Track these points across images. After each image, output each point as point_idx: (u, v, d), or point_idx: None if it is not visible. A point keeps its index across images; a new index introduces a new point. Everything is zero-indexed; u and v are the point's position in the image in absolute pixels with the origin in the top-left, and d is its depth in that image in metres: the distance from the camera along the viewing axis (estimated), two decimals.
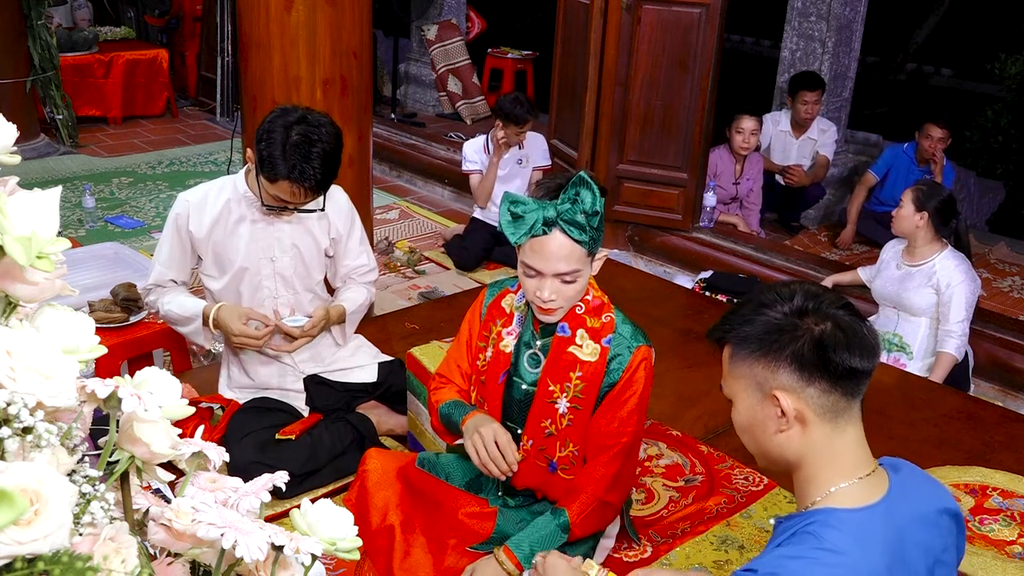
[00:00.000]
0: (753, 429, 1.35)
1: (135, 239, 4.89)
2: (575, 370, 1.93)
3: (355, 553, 0.90)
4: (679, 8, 4.60)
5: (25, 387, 0.75)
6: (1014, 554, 2.08)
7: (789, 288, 1.34)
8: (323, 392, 2.69)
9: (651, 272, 4.66)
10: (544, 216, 1.78)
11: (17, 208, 0.77)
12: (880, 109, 8.54)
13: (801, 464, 1.32)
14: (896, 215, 3.51)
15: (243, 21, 3.18)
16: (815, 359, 1.26)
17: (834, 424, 1.29)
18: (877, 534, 1.24)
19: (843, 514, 1.25)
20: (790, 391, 1.28)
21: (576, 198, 1.78)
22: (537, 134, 4.95)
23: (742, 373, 1.33)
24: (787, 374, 1.28)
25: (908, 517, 1.28)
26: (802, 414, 1.28)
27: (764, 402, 1.31)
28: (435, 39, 7.14)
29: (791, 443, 1.30)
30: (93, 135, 6.80)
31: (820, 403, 1.27)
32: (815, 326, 1.28)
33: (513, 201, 1.82)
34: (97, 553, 0.77)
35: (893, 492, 1.30)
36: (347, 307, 2.66)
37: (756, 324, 1.31)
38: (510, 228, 1.81)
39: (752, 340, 1.31)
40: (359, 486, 2.07)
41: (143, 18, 8.22)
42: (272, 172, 2.32)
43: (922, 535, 1.28)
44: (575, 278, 1.85)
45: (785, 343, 1.28)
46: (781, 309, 1.31)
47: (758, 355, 1.30)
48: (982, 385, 3.85)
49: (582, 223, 1.78)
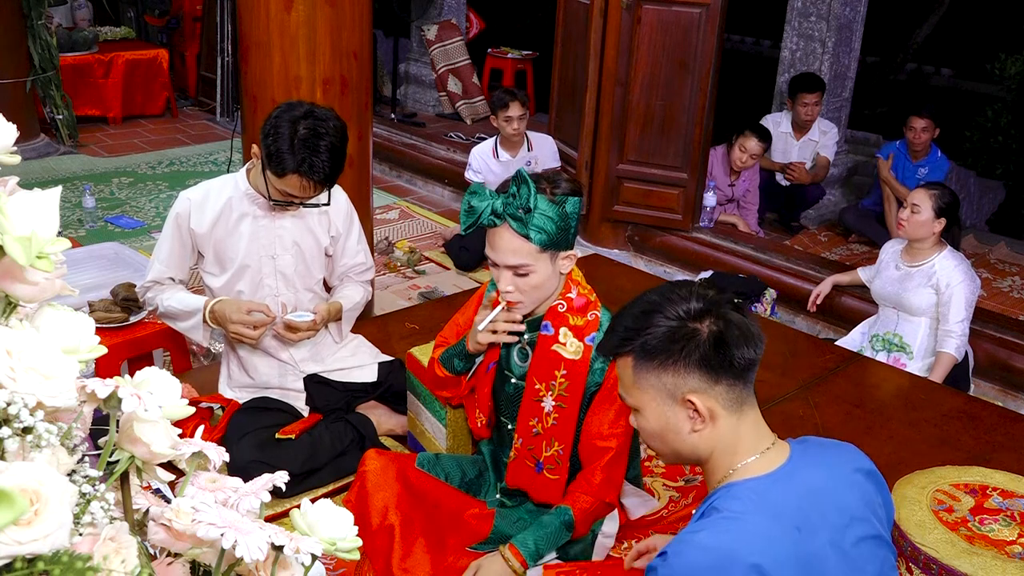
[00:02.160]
0: (666, 433, 1.38)
1: (135, 239, 4.89)
2: (559, 368, 1.95)
3: (355, 553, 0.90)
4: (679, 8, 4.60)
5: (25, 387, 0.75)
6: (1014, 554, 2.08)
7: (680, 291, 1.38)
8: (323, 392, 2.69)
9: (651, 272, 4.66)
10: (492, 207, 1.84)
11: (17, 208, 0.77)
12: (880, 109, 8.54)
13: (711, 455, 1.37)
14: (910, 220, 3.41)
15: (243, 21, 3.18)
16: (719, 359, 1.31)
17: (739, 412, 1.35)
18: (777, 496, 1.30)
19: (743, 484, 1.32)
20: (701, 392, 1.33)
21: (516, 194, 1.82)
22: (546, 136, 4.95)
23: (649, 384, 1.36)
24: (696, 378, 1.33)
25: (814, 479, 1.33)
26: (713, 411, 1.34)
27: (676, 407, 1.35)
28: (435, 39, 7.15)
29: (703, 439, 1.36)
30: (93, 135, 6.80)
31: (728, 397, 1.34)
32: (713, 327, 1.33)
33: (473, 192, 1.88)
34: (97, 553, 0.77)
35: (795, 458, 1.36)
36: (344, 304, 2.66)
37: (656, 334, 1.34)
38: (464, 217, 1.88)
39: (657, 351, 1.34)
40: (359, 486, 2.07)
41: (143, 18, 8.22)
42: (280, 167, 2.32)
43: (832, 495, 1.32)
44: (527, 272, 1.88)
45: (691, 349, 1.32)
46: (675, 313, 1.34)
47: (666, 364, 1.34)
48: (982, 385, 3.85)
49: (522, 217, 1.82)
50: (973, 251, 5.22)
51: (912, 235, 3.45)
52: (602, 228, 5.10)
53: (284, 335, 2.58)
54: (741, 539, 1.24)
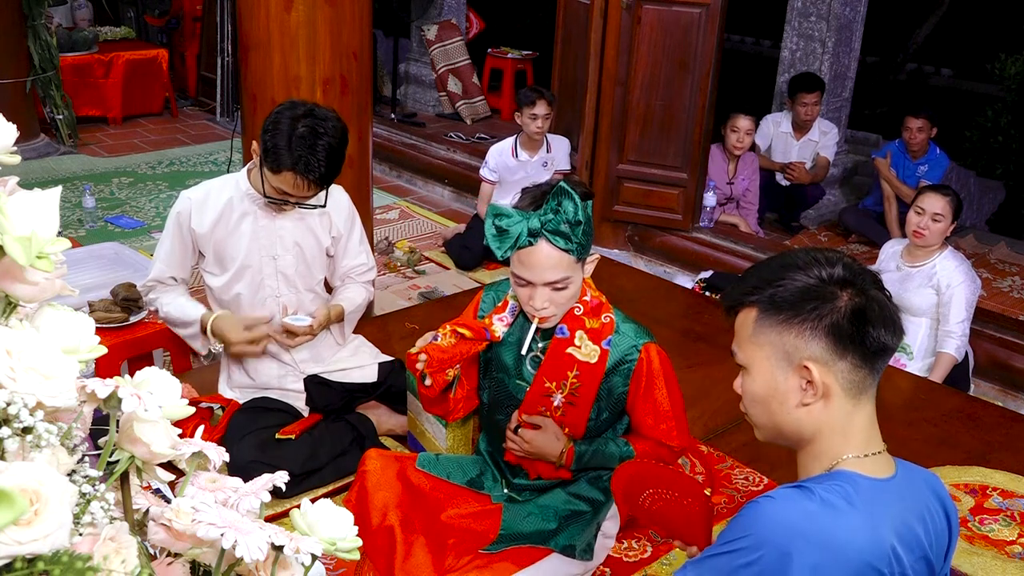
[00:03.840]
0: (770, 401, 1.25)
1: (135, 239, 4.89)
2: (572, 369, 1.95)
3: (355, 553, 0.90)
4: (679, 8, 4.60)
5: (25, 387, 0.75)
6: (1014, 554, 2.08)
7: (826, 254, 1.25)
8: (323, 392, 2.68)
9: (651, 272, 4.66)
10: (528, 227, 1.79)
11: (17, 208, 0.77)
12: (880, 109, 8.53)
13: (814, 439, 1.24)
14: (931, 229, 3.37)
15: (243, 21, 3.18)
16: (852, 332, 1.19)
17: (856, 400, 1.22)
18: (890, 505, 1.19)
19: (857, 476, 1.19)
20: (821, 363, 1.20)
21: (558, 208, 1.77)
22: (563, 138, 4.95)
23: (768, 340, 1.23)
24: (821, 345, 1.20)
25: (911, 501, 1.23)
26: (829, 388, 1.21)
27: (789, 372, 1.22)
28: (435, 39, 7.14)
29: (810, 417, 1.23)
30: (93, 135, 6.80)
31: (849, 378, 1.21)
32: (855, 298, 1.21)
33: (497, 214, 1.81)
34: (97, 553, 0.77)
35: (900, 474, 1.25)
36: (345, 306, 2.67)
37: (790, 288, 1.22)
38: (495, 242, 1.82)
39: (786, 305, 1.21)
40: (359, 486, 2.06)
41: (143, 18, 8.22)
42: (276, 163, 2.32)
43: (918, 524, 1.23)
44: (566, 284, 1.86)
45: (825, 312, 1.20)
46: (817, 274, 1.22)
47: (792, 322, 1.21)
48: (982, 385, 3.85)
49: (566, 232, 1.78)
50: (973, 251, 5.22)
51: (932, 243, 3.43)
52: (602, 228, 5.10)
53: (282, 340, 2.58)
54: (852, 532, 1.14)
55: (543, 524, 1.98)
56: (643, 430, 2.01)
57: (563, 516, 2.01)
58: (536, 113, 4.57)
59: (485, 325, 2.00)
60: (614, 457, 1.98)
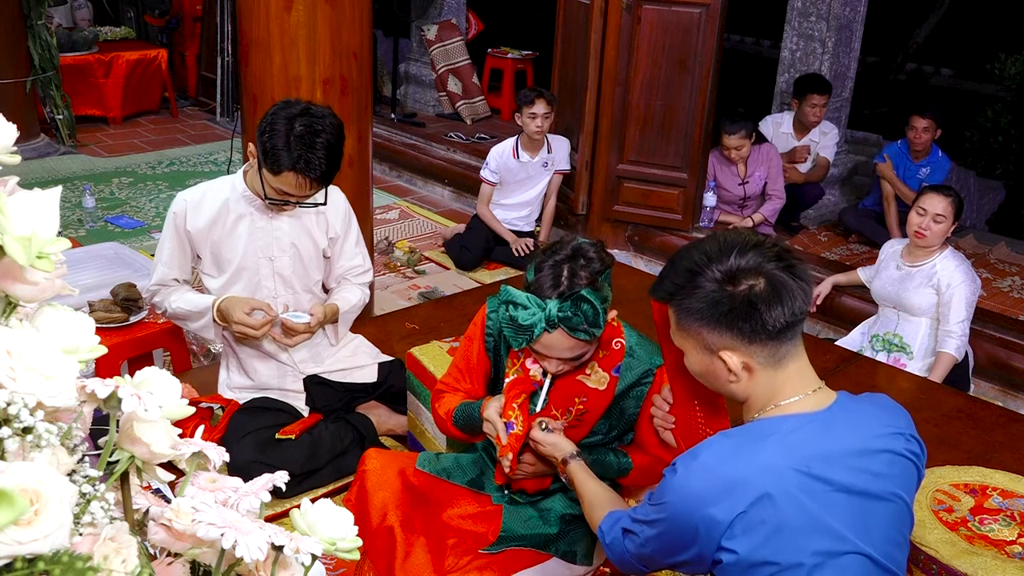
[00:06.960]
0: (707, 376, 1.46)
1: (135, 239, 4.89)
2: (580, 396, 1.94)
3: (355, 553, 0.90)
4: (679, 8, 4.60)
5: (25, 387, 0.75)
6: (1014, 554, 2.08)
7: (724, 242, 1.40)
8: (323, 392, 2.68)
9: (651, 272, 4.66)
10: (545, 318, 1.74)
11: (17, 208, 0.77)
12: (880, 109, 8.54)
13: (748, 400, 1.44)
14: (932, 230, 3.37)
15: (243, 21, 3.18)
16: (753, 320, 1.34)
17: (778, 366, 1.39)
18: (809, 438, 1.33)
19: (778, 418, 1.37)
20: (735, 350, 1.38)
21: (576, 311, 1.73)
22: (563, 139, 4.94)
23: (689, 334, 1.43)
24: (730, 338, 1.37)
25: (843, 431, 1.36)
26: (749, 365, 1.38)
27: (713, 358, 1.41)
28: (435, 39, 7.15)
29: (740, 387, 1.42)
30: (93, 135, 6.80)
31: (764, 355, 1.38)
32: (749, 289, 1.34)
33: (512, 303, 1.76)
34: (97, 553, 0.77)
35: (835, 408, 1.39)
36: (340, 306, 2.65)
37: (695, 297, 1.39)
38: (512, 333, 1.76)
39: (694, 311, 1.39)
40: (359, 486, 2.06)
41: (143, 18, 8.22)
42: (276, 164, 2.31)
43: (849, 456, 1.34)
44: (583, 358, 1.85)
45: (724, 310, 1.36)
46: (713, 275, 1.37)
47: (702, 322, 1.39)
48: (982, 385, 3.85)
49: (584, 328, 1.74)
50: (973, 251, 5.22)
51: (933, 243, 3.43)
52: (602, 228, 5.10)
53: (280, 339, 2.58)
54: (746, 466, 1.30)
55: (544, 528, 1.98)
56: (648, 448, 1.99)
57: (564, 521, 2.00)
58: (536, 113, 4.56)
59: (529, 377, 1.95)
60: (612, 467, 1.97)
